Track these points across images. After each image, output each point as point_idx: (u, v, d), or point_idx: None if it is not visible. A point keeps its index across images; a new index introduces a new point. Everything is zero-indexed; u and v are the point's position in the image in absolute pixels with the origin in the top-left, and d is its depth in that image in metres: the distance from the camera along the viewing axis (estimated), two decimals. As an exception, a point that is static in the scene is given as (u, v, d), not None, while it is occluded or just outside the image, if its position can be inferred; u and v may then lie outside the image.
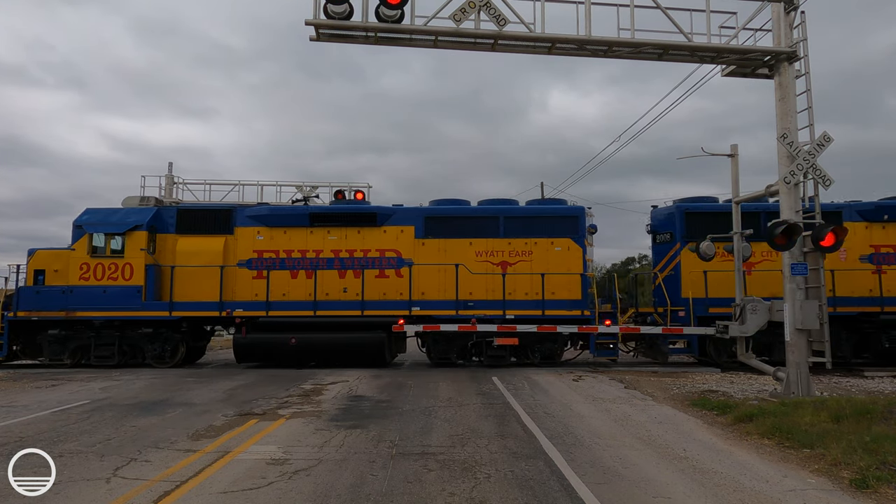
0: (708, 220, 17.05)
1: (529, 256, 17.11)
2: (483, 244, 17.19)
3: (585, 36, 11.64)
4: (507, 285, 16.79)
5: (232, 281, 17.14)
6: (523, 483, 6.10)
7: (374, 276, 17.10)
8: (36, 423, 9.20)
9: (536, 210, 17.91)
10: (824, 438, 7.57)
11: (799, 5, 11.96)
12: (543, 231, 17.28)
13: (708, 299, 16.58)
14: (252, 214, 17.60)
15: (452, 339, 16.93)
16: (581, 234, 17.27)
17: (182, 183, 26.07)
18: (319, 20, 11.27)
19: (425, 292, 16.95)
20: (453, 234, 17.27)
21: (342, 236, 17.36)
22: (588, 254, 17.47)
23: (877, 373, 15.51)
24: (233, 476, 6.34)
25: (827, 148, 11.37)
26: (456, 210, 17.85)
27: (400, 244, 17.28)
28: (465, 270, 16.79)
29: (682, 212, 17.42)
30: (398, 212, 17.76)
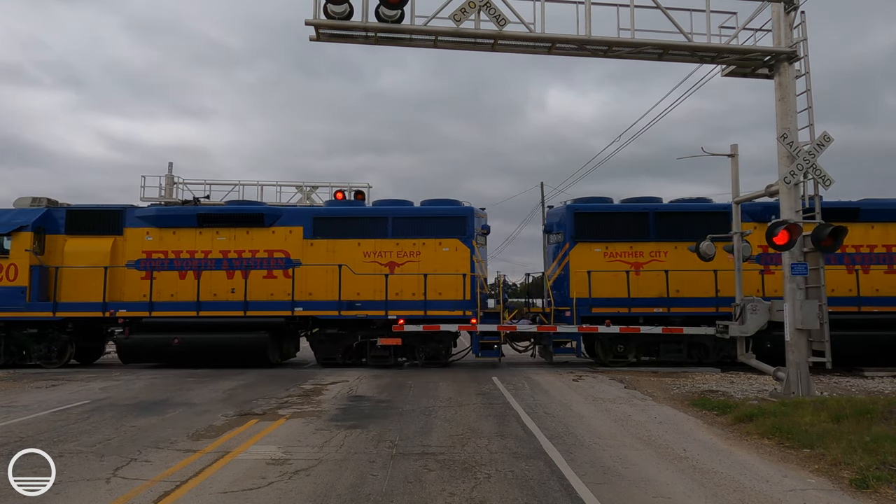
0: (597, 221, 17.31)
1: (417, 257, 17.11)
2: (371, 245, 17.20)
3: (585, 36, 11.64)
4: (396, 285, 16.83)
5: (120, 281, 17.16)
6: (523, 483, 6.10)
7: (261, 276, 17.13)
8: (36, 423, 9.20)
9: (425, 211, 17.96)
10: (824, 438, 7.57)
11: (799, 5, 11.96)
12: (432, 232, 17.26)
13: (591, 299, 16.70)
14: (141, 215, 17.66)
15: (338, 339, 17.03)
16: (469, 234, 17.25)
17: (182, 183, 26.09)
18: (319, 20, 11.27)
19: (313, 293, 16.96)
20: (342, 235, 17.29)
21: (231, 237, 17.37)
22: (480, 254, 17.52)
23: (877, 373, 15.51)
24: (233, 476, 6.34)
25: (827, 148, 11.37)
26: (345, 211, 17.99)
27: (288, 245, 17.27)
28: (350, 271, 16.82)
29: (571, 212, 17.46)
30: (287, 212, 17.88)
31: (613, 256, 16.97)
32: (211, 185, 26.09)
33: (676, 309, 16.67)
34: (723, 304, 16.30)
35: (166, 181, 25.61)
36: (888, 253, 17.05)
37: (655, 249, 17.06)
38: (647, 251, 16.98)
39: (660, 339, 16.74)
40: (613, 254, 16.99)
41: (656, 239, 17.13)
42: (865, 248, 17.05)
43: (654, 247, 17.09)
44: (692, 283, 16.70)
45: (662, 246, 17.08)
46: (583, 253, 17.06)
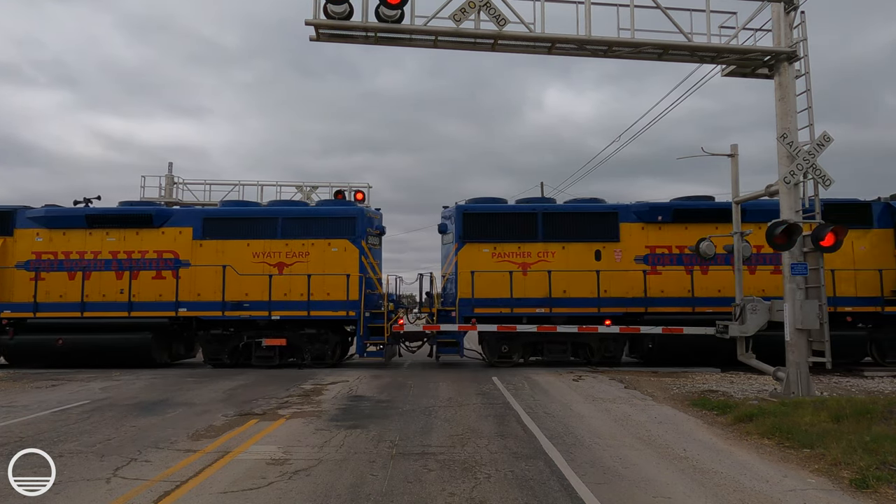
0: (485, 221, 17.38)
1: (306, 257, 17.12)
2: (261, 245, 17.20)
3: (585, 36, 11.64)
4: (285, 286, 16.87)
5: (10, 282, 17.19)
6: (523, 483, 6.10)
7: (150, 277, 17.16)
8: (36, 423, 9.20)
9: (314, 211, 18.09)
10: (824, 438, 7.57)
11: (799, 5, 11.95)
12: (321, 232, 17.30)
13: (474, 299, 16.74)
14: (32, 216, 17.65)
15: (224, 339, 17.12)
16: (359, 235, 17.27)
17: (182, 183, 26.10)
18: (319, 20, 11.26)
19: (201, 293, 16.99)
20: (232, 236, 17.30)
21: (121, 238, 17.37)
22: (372, 255, 17.54)
23: (877, 373, 15.51)
24: (233, 476, 6.34)
25: (827, 148, 11.37)
26: (234, 211, 17.99)
27: (178, 245, 17.28)
28: (234, 272, 16.86)
29: (460, 212, 17.44)
30: (177, 213, 17.92)
31: (501, 257, 17.07)
32: (211, 186, 26.11)
33: (558, 309, 16.77)
34: (604, 305, 16.61)
35: (166, 181, 25.62)
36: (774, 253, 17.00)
37: (543, 250, 17.16)
38: (534, 252, 17.08)
39: (543, 340, 16.87)
40: (502, 254, 17.09)
41: (544, 240, 17.22)
42: (752, 249, 17.04)
43: (542, 247, 17.19)
44: (579, 284, 16.81)
45: (550, 246, 17.18)
46: (471, 253, 17.11)
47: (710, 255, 15.09)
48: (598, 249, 17.10)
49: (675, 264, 17.05)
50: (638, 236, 17.22)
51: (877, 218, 17.20)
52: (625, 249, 17.07)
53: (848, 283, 16.73)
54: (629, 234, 17.18)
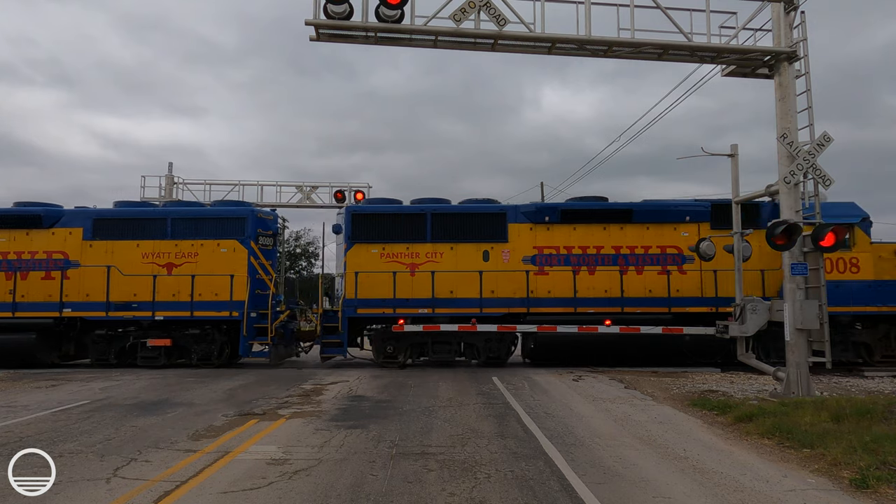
0: (374, 222, 17.47)
1: (195, 258, 17.11)
2: (150, 246, 17.20)
3: (585, 36, 11.64)
4: (174, 286, 16.88)
5: None
6: (523, 483, 6.10)
7: (39, 277, 17.12)
8: (36, 423, 9.20)
9: (203, 212, 18.05)
10: (824, 438, 7.57)
11: (799, 5, 11.96)
12: (211, 233, 17.30)
13: (357, 300, 16.80)
14: None
15: (110, 340, 17.09)
16: (248, 236, 17.26)
17: (182, 183, 26.11)
18: (319, 20, 11.26)
19: (90, 294, 16.93)
20: (121, 236, 17.25)
21: (10, 238, 17.29)
22: (264, 256, 17.54)
23: (877, 373, 15.51)
24: (233, 476, 6.34)
25: (827, 148, 11.37)
26: (124, 212, 17.98)
27: (67, 246, 17.21)
28: (119, 272, 16.88)
29: (349, 213, 17.57)
30: (67, 214, 17.82)
31: (390, 257, 17.12)
32: (211, 186, 26.12)
33: (441, 309, 16.81)
34: (487, 305, 16.70)
35: (166, 181, 25.64)
36: (662, 254, 17.19)
37: (432, 251, 17.20)
38: (423, 252, 17.12)
39: (429, 341, 16.97)
40: (390, 255, 17.14)
41: (433, 240, 17.26)
42: (640, 249, 17.20)
43: (430, 248, 17.23)
44: (467, 284, 16.87)
45: (439, 247, 17.21)
46: (360, 254, 17.15)
47: (711, 255, 15.10)
48: (487, 250, 17.17)
49: (562, 265, 17.12)
50: (526, 237, 17.28)
51: (766, 218, 17.02)
52: (513, 250, 17.12)
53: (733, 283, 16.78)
54: (518, 235, 17.24)
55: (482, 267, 16.89)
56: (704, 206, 17.44)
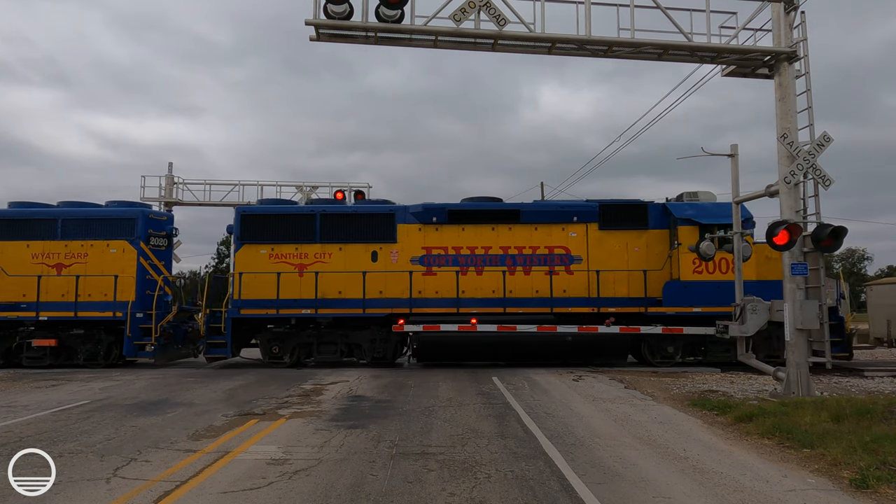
0: (263, 222, 17.54)
1: (85, 259, 17.20)
2: (41, 246, 17.26)
3: (585, 36, 11.64)
4: (63, 287, 16.92)
5: None
6: (523, 483, 6.10)
7: None
8: (36, 423, 9.20)
9: (93, 212, 18.04)
10: (824, 438, 7.57)
11: (799, 5, 11.95)
12: (101, 233, 17.39)
13: (241, 300, 16.88)
14: None
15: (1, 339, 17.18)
16: (139, 236, 17.38)
17: (182, 183, 26.11)
18: (319, 20, 11.26)
19: None
20: (10, 237, 17.32)
21: None
22: (155, 257, 17.60)
23: (877, 373, 15.51)
24: (233, 476, 6.34)
25: (827, 147, 11.37)
26: (14, 213, 18.01)
27: None
28: (3, 273, 16.96)
29: (238, 214, 17.62)
30: None
31: (279, 258, 17.19)
32: (211, 186, 26.13)
33: (325, 310, 16.92)
34: (370, 306, 16.78)
35: (166, 181, 25.64)
36: (550, 254, 17.26)
37: (321, 251, 17.29)
38: (311, 253, 17.23)
39: (314, 341, 17.08)
40: (279, 255, 17.20)
41: (321, 241, 17.33)
42: (528, 250, 17.25)
43: (319, 248, 17.32)
44: (355, 285, 16.96)
45: (328, 247, 17.30)
46: (248, 254, 17.21)
47: (710, 256, 15.10)
48: (376, 250, 17.27)
49: (450, 265, 17.19)
50: (415, 237, 17.37)
51: (653, 219, 17.27)
52: (402, 250, 17.24)
53: (621, 284, 16.93)
54: (406, 235, 17.34)
55: (371, 267, 17.05)
56: (592, 206, 17.55)
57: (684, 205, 17.34)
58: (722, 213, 16.31)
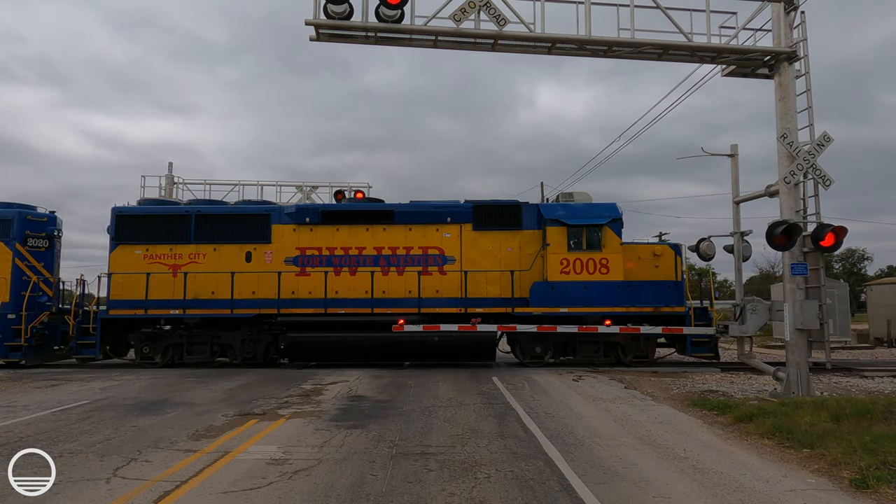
0: (138, 223, 17.58)
1: None
2: None
3: (585, 36, 11.64)
4: None
5: None
6: (523, 483, 6.10)
7: None
8: (36, 423, 9.20)
9: None
10: (824, 438, 7.57)
11: (799, 5, 11.96)
12: None
13: (112, 301, 16.94)
14: None
15: None
16: (13, 237, 17.30)
17: (182, 183, 26.10)
18: (319, 20, 11.27)
19: None
20: None
21: None
22: (42, 257, 17.67)
23: (877, 373, 15.52)
24: (233, 476, 6.34)
25: (827, 147, 11.37)
26: None
27: None
28: None
29: (114, 214, 17.60)
30: None
31: (153, 258, 17.27)
32: (211, 186, 26.11)
33: (192, 311, 17.01)
34: (239, 306, 16.87)
35: (166, 181, 25.62)
36: (424, 255, 17.31)
37: (195, 251, 17.37)
38: (186, 253, 17.32)
39: (184, 342, 17.11)
40: (153, 256, 17.29)
41: (196, 241, 17.41)
42: (402, 250, 17.32)
43: (194, 249, 17.40)
44: (228, 285, 17.01)
45: (202, 248, 17.38)
46: (123, 255, 17.26)
47: (711, 256, 15.11)
48: (250, 251, 17.35)
49: (324, 265, 17.26)
50: (289, 238, 17.44)
51: (527, 220, 17.31)
52: (276, 251, 17.33)
53: (494, 285, 16.96)
54: (281, 236, 17.42)
55: (245, 268, 17.14)
56: (466, 207, 17.65)
57: (555, 205, 17.54)
58: (591, 214, 16.68)
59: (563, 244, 16.54)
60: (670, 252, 16.93)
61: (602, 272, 16.46)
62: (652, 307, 16.51)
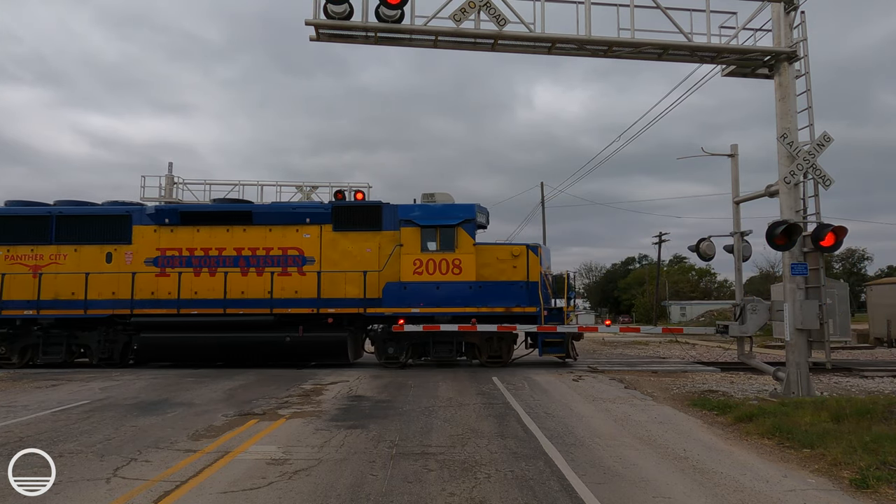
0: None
1: None
2: None
3: (585, 36, 11.64)
4: None
5: None
6: (523, 483, 6.10)
7: None
8: (36, 423, 9.20)
9: None
10: (824, 438, 7.57)
11: (799, 5, 11.95)
12: None
13: None
14: None
15: None
16: None
17: (182, 183, 26.11)
18: (319, 20, 11.27)
19: None
20: None
21: None
22: None
23: (877, 373, 15.51)
24: (233, 476, 6.34)
25: (827, 147, 11.37)
26: None
27: None
28: None
29: None
30: None
31: (14, 259, 17.38)
32: (211, 186, 26.12)
33: (46, 311, 17.12)
34: (92, 307, 16.96)
35: (166, 181, 25.63)
36: (284, 255, 17.34)
37: (56, 252, 17.47)
38: (47, 254, 17.43)
39: (40, 342, 17.20)
40: (15, 257, 17.40)
41: (57, 242, 17.47)
42: (262, 251, 17.35)
43: (55, 250, 17.49)
44: (90, 286, 17.06)
45: (63, 249, 17.48)
46: None
47: (711, 256, 15.09)
48: (111, 252, 17.44)
49: (184, 266, 17.31)
50: (150, 239, 17.54)
51: (387, 221, 17.36)
52: (136, 251, 17.44)
53: (352, 285, 17.00)
54: (141, 237, 17.51)
55: (106, 268, 17.22)
56: (326, 208, 17.76)
57: (412, 206, 17.59)
58: (445, 214, 16.83)
59: (416, 245, 16.70)
60: (527, 252, 16.97)
61: (455, 272, 16.59)
62: (504, 307, 16.61)
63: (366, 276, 16.83)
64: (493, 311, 16.55)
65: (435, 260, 16.55)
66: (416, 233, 16.76)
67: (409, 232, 16.83)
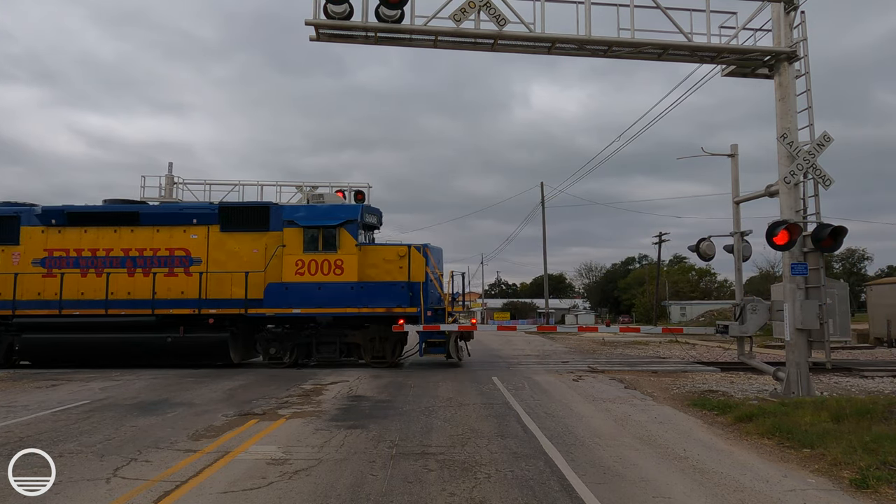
0: None
1: None
2: None
3: (585, 36, 11.64)
4: None
5: None
6: (523, 483, 6.10)
7: None
8: (36, 423, 9.20)
9: None
10: (824, 438, 7.57)
11: (799, 5, 11.95)
12: None
13: None
14: None
15: None
16: None
17: (182, 183, 26.08)
18: (319, 20, 11.26)
19: None
20: None
21: None
22: None
23: (877, 372, 15.51)
24: (233, 476, 6.34)
25: (827, 147, 11.37)
26: None
27: None
28: None
29: None
30: None
31: None
32: (211, 186, 26.09)
33: None
34: None
35: (166, 181, 25.61)
36: (171, 256, 17.35)
37: None
38: None
39: None
40: None
41: None
42: (149, 252, 17.36)
43: None
44: None
45: None
46: None
47: (711, 256, 15.08)
48: None
49: (71, 267, 17.29)
50: (38, 239, 17.53)
51: (274, 221, 17.36)
52: (24, 252, 17.43)
53: (238, 286, 16.96)
54: (29, 238, 17.49)
55: None
56: (212, 209, 17.78)
57: (297, 207, 17.72)
58: (328, 215, 16.87)
59: (298, 245, 16.72)
60: (413, 253, 17.00)
61: (336, 273, 16.63)
62: (385, 307, 16.62)
63: (247, 277, 16.81)
64: (373, 311, 16.59)
65: (317, 260, 16.60)
66: (299, 233, 16.79)
67: (291, 232, 16.85)
